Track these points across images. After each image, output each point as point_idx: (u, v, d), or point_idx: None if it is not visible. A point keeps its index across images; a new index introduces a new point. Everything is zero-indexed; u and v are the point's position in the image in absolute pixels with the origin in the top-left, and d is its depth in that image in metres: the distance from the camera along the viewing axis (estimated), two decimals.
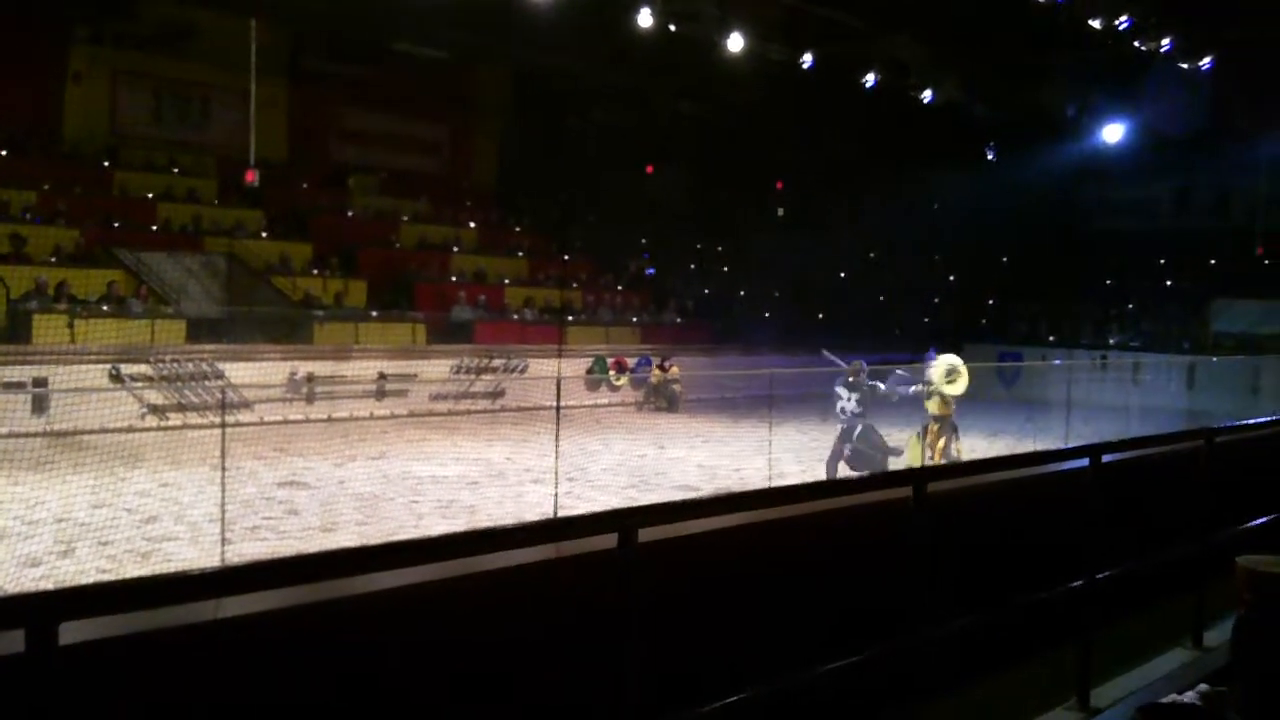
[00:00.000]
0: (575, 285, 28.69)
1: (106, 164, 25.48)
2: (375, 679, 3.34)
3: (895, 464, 13.88)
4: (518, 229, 31.37)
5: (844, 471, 13.83)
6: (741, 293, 32.75)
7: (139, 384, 18.04)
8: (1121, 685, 5.79)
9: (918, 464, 13.77)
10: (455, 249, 28.39)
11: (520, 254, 29.82)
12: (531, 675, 3.77)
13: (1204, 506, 6.83)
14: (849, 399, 14.13)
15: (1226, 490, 7.07)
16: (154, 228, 23.77)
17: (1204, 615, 6.59)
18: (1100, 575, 5.67)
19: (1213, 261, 31.77)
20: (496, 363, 22.88)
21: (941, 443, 14.21)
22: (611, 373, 25.04)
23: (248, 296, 22.41)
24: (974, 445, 18.96)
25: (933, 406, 14.29)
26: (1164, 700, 4.20)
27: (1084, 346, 29.85)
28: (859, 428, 14.09)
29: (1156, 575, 6.60)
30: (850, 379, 14.23)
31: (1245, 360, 25.60)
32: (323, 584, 3.23)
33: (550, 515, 10.86)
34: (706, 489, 14.26)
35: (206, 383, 18.29)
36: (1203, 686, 4.22)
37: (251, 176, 24.30)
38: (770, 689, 4.09)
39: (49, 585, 8.43)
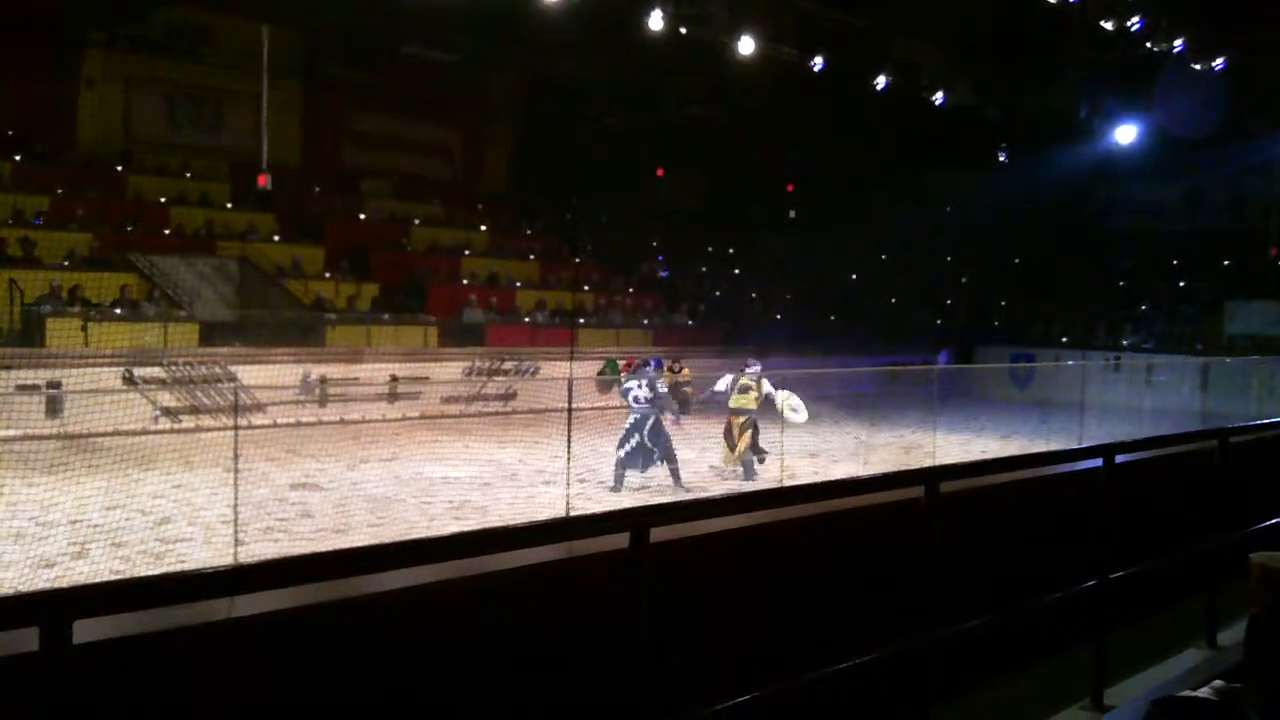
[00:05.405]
0: (587, 288, 28.65)
1: (120, 168, 25.52)
2: (387, 678, 3.35)
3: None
4: (529, 232, 31.37)
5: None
6: (753, 295, 32.70)
7: (152, 387, 18.09)
8: (1136, 685, 5.77)
9: (730, 455, 15.20)
10: (467, 252, 28.37)
11: (532, 257, 29.81)
12: (543, 673, 3.78)
13: (1218, 506, 6.80)
14: (639, 385, 14.57)
15: (1240, 490, 7.04)
16: (167, 232, 23.83)
17: (1218, 614, 6.56)
18: (1114, 575, 5.65)
19: (1226, 262, 31.67)
20: (508, 365, 22.88)
21: (747, 435, 15.15)
22: (623, 375, 24.99)
23: (260, 300, 22.46)
24: (987, 446, 18.96)
25: (736, 404, 15.25)
26: (1179, 695, 4.18)
27: (1097, 348, 29.73)
28: (650, 421, 14.25)
29: (1170, 575, 6.58)
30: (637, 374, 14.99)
31: (1259, 361, 25.49)
32: (335, 583, 3.25)
33: (562, 516, 10.85)
34: (718, 489, 14.23)
35: (219, 385, 18.33)
36: (1217, 682, 4.19)
37: (264, 180, 24.37)
38: (782, 688, 4.08)
39: (63, 585, 8.46)
